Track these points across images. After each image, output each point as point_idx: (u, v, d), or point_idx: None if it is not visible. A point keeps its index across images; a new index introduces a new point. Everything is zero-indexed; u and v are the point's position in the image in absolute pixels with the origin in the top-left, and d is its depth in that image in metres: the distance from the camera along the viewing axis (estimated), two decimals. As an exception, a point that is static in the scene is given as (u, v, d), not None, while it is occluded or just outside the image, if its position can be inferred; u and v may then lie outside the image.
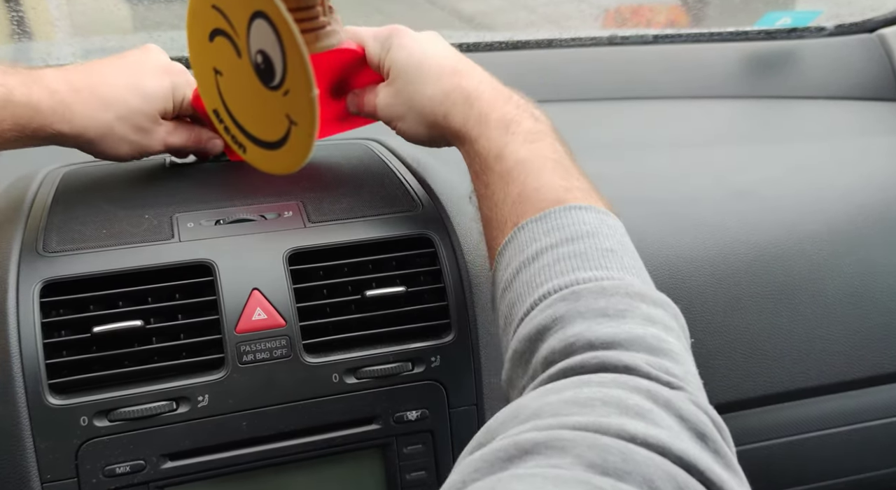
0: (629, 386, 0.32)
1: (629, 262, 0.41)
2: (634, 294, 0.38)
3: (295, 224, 0.53)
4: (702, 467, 0.29)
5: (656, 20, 1.16)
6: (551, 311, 0.38)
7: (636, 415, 0.30)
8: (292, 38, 0.43)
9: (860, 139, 0.80)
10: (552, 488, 0.26)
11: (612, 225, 0.43)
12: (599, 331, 0.35)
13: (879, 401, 0.69)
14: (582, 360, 0.34)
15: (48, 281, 0.48)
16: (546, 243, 0.41)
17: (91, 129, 0.51)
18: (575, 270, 0.39)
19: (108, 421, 0.46)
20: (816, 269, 0.65)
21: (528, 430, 0.30)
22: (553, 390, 0.33)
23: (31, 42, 0.79)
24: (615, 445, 0.28)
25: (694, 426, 0.31)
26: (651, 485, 0.27)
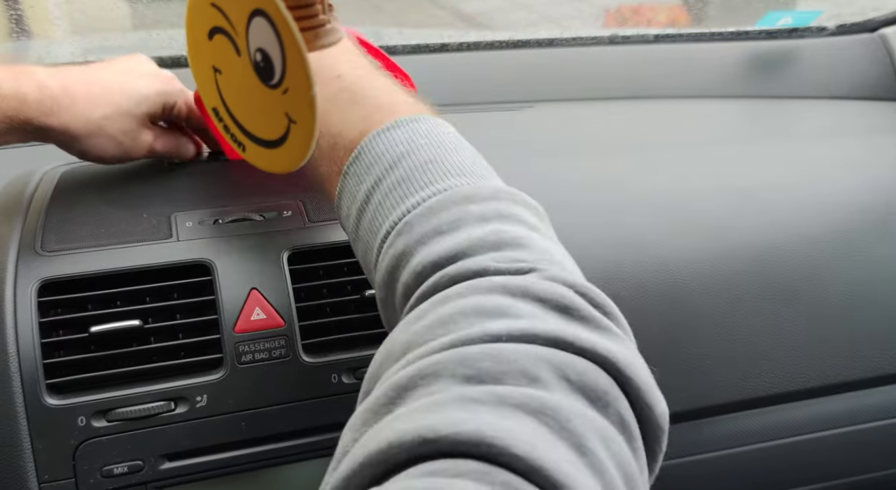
0: (484, 288, 0.32)
1: (452, 164, 0.39)
2: (461, 199, 0.37)
3: (294, 223, 0.53)
4: (570, 339, 0.29)
5: (657, 20, 1.16)
6: (392, 251, 0.38)
7: (497, 314, 0.30)
8: (292, 36, 0.43)
9: (861, 139, 0.79)
10: (433, 415, 0.26)
11: (426, 131, 0.41)
12: (439, 249, 0.35)
13: (880, 402, 0.69)
14: (433, 282, 0.34)
15: (46, 280, 0.47)
16: (370, 183, 0.40)
17: (78, 126, 0.50)
18: (402, 200, 0.39)
19: (106, 421, 0.46)
20: (817, 269, 0.65)
21: (402, 366, 0.30)
22: (417, 316, 0.33)
23: (29, 40, 0.79)
24: (483, 351, 0.28)
25: (555, 303, 0.31)
26: (528, 375, 0.27)
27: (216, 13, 0.48)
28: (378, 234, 0.39)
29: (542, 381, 0.27)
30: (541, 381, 0.27)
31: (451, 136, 0.42)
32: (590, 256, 0.59)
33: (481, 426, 0.25)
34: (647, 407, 0.30)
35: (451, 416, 0.25)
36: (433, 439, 0.25)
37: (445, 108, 0.83)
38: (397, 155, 0.40)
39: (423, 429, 0.25)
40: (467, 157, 0.41)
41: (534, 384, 0.27)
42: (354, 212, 0.42)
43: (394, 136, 0.41)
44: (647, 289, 0.60)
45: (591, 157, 0.71)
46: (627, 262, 0.60)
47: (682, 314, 0.60)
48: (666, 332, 0.60)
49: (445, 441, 0.25)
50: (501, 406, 0.26)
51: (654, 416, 0.30)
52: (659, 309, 0.60)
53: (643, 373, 0.30)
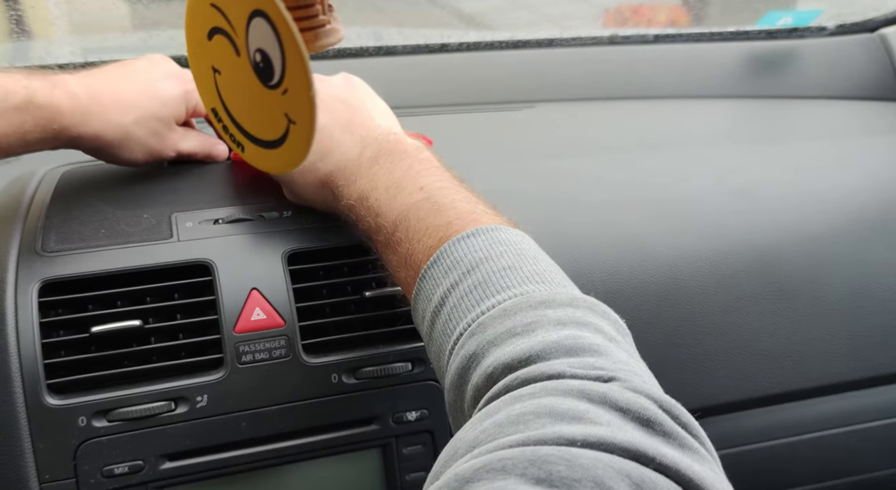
0: (559, 390, 0.30)
1: (530, 271, 0.39)
2: (537, 303, 0.37)
3: (294, 224, 0.53)
4: (652, 454, 0.27)
5: (657, 20, 1.16)
6: (464, 351, 0.37)
7: (572, 418, 0.29)
8: (291, 36, 0.43)
9: (861, 139, 0.79)
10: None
11: (506, 240, 0.41)
12: (512, 351, 0.34)
13: (880, 401, 0.69)
14: (505, 384, 0.33)
15: (47, 280, 0.47)
16: (447, 286, 0.40)
17: (109, 133, 0.51)
18: (478, 303, 0.38)
19: (106, 421, 0.46)
20: (817, 269, 0.65)
21: (467, 460, 0.28)
22: (486, 415, 0.31)
23: (29, 41, 0.79)
24: (556, 454, 0.26)
25: (636, 414, 0.29)
26: (602, 486, 0.25)
27: (216, 13, 0.48)
28: (451, 337, 0.39)
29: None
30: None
31: (530, 246, 0.42)
32: (590, 256, 0.59)
33: None
34: None
35: None
36: None
37: (446, 108, 0.83)
38: (476, 260, 0.40)
39: None
40: (546, 266, 0.40)
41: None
42: (429, 314, 0.41)
43: (473, 242, 0.40)
44: (648, 288, 0.60)
45: (591, 157, 0.71)
46: (627, 262, 0.60)
47: (682, 314, 0.60)
48: (666, 331, 0.60)
49: None
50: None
51: None
52: (659, 308, 0.60)
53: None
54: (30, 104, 0.47)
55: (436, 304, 0.41)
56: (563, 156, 0.70)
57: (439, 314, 0.40)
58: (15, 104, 0.47)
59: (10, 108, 0.47)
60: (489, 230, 0.41)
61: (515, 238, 0.42)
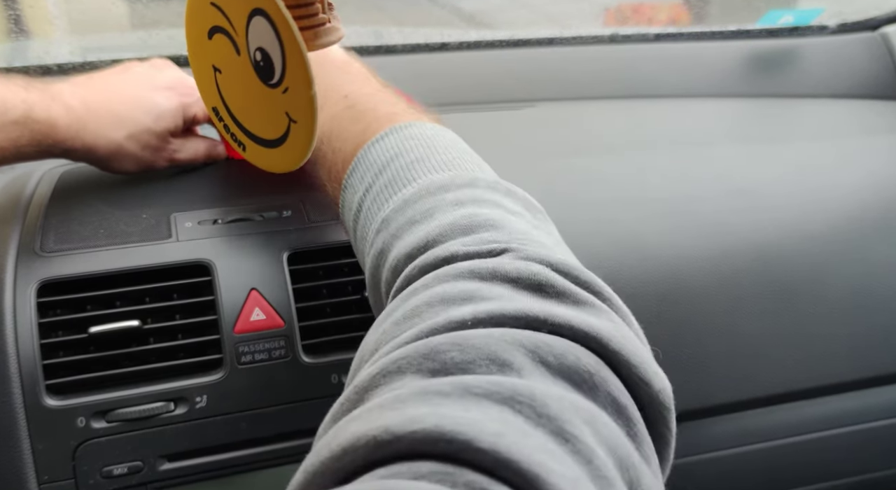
0: (451, 275, 0.30)
1: (438, 161, 0.38)
2: (437, 188, 0.36)
3: (294, 223, 0.53)
4: (543, 316, 0.26)
5: (658, 18, 1.16)
6: (373, 250, 0.37)
7: (463, 300, 0.28)
8: (291, 35, 0.43)
9: (862, 138, 0.79)
10: (391, 413, 0.23)
11: (419, 134, 0.40)
12: (412, 240, 0.34)
13: (881, 401, 0.69)
14: (405, 275, 0.33)
15: (45, 281, 0.47)
16: (362, 191, 0.40)
17: (101, 147, 0.52)
18: (386, 201, 0.38)
19: (105, 422, 0.46)
20: (818, 268, 0.64)
21: (368, 367, 0.27)
22: (387, 314, 0.31)
23: (28, 40, 0.79)
24: (447, 340, 0.26)
25: (527, 281, 0.29)
26: (497, 361, 0.25)
27: (216, 12, 0.48)
28: (367, 240, 0.39)
29: (514, 367, 0.25)
30: (513, 367, 0.25)
31: (443, 137, 0.41)
32: (590, 256, 0.59)
33: (441, 421, 0.22)
34: (644, 383, 0.26)
35: (408, 413, 0.23)
36: (388, 441, 0.22)
37: (446, 108, 0.83)
38: (387, 159, 0.39)
39: (377, 430, 0.22)
40: (458, 154, 0.39)
41: (505, 370, 0.25)
42: (351, 223, 0.41)
43: (386, 142, 0.40)
44: (648, 288, 0.59)
45: (591, 156, 0.70)
46: (628, 262, 0.60)
47: (682, 313, 0.60)
48: (667, 331, 0.60)
49: (402, 441, 0.22)
50: (466, 397, 0.23)
51: (653, 393, 0.27)
52: (660, 308, 0.60)
53: (633, 346, 0.27)
54: (27, 119, 0.48)
55: (354, 212, 0.40)
56: (563, 155, 0.70)
57: (357, 221, 0.40)
58: (14, 119, 0.47)
59: (8, 123, 0.47)
60: (403, 127, 0.40)
61: (430, 132, 0.40)
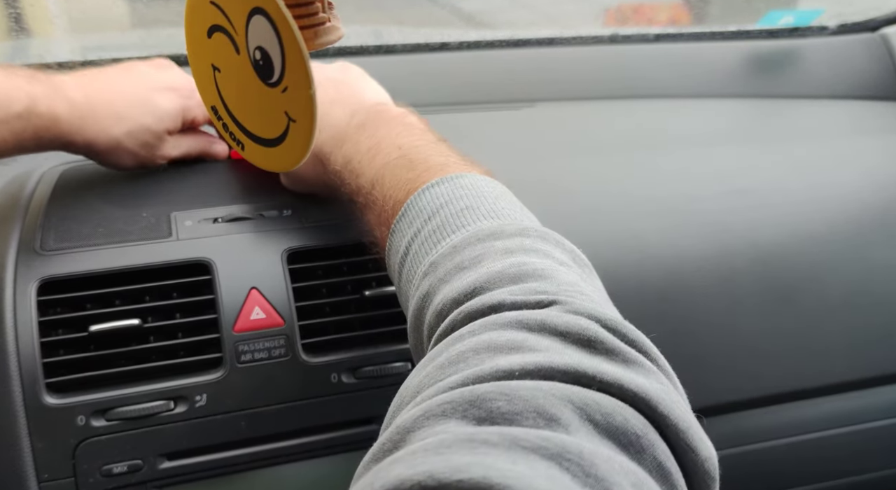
0: (499, 324, 0.29)
1: (487, 210, 0.38)
2: (486, 236, 0.36)
3: (294, 223, 0.53)
4: (592, 373, 0.26)
5: (658, 19, 1.16)
6: (419, 293, 0.37)
7: (511, 349, 0.27)
8: (291, 34, 0.43)
9: (862, 138, 0.79)
10: (436, 458, 0.22)
11: (469, 184, 0.40)
12: (459, 286, 0.33)
13: (881, 401, 0.69)
14: (450, 320, 0.32)
15: (45, 279, 0.47)
16: (410, 235, 0.40)
17: (100, 142, 0.52)
18: (434, 246, 0.38)
19: (105, 420, 0.46)
20: (818, 268, 0.65)
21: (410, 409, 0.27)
22: (429, 359, 0.30)
23: (28, 39, 0.79)
24: (495, 390, 0.25)
25: (576, 336, 0.28)
26: (545, 415, 0.24)
27: (215, 11, 0.48)
28: (412, 283, 0.38)
29: (562, 423, 0.24)
30: (561, 423, 0.24)
31: (494, 187, 0.41)
32: (590, 255, 0.59)
33: (488, 472, 0.21)
34: (691, 450, 0.26)
35: (455, 461, 0.22)
36: (434, 488, 0.21)
37: (446, 108, 0.83)
38: (437, 206, 0.39)
39: (422, 475, 0.22)
40: (506, 204, 0.39)
41: (553, 425, 0.24)
42: (396, 266, 0.41)
43: (437, 190, 0.40)
44: (648, 288, 0.60)
45: (591, 157, 0.71)
46: (628, 261, 0.60)
47: (682, 313, 0.60)
48: (666, 331, 0.60)
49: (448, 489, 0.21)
50: (514, 449, 0.23)
51: (699, 461, 0.26)
52: (659, 308, 0.60)
53: (682, 410, 0.27)
54: (30, 112, 0.48)
55: (401, 255, 0.40)
56: (563, 155, 0.70)
57: (404, 264, 0.40)
58: (17, 112, 0.47)
59: (12, 116, 0.47)
60: (454, 177, 0.41)
61: (480, 183, 0.41)
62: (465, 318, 0.32)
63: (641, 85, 0.87)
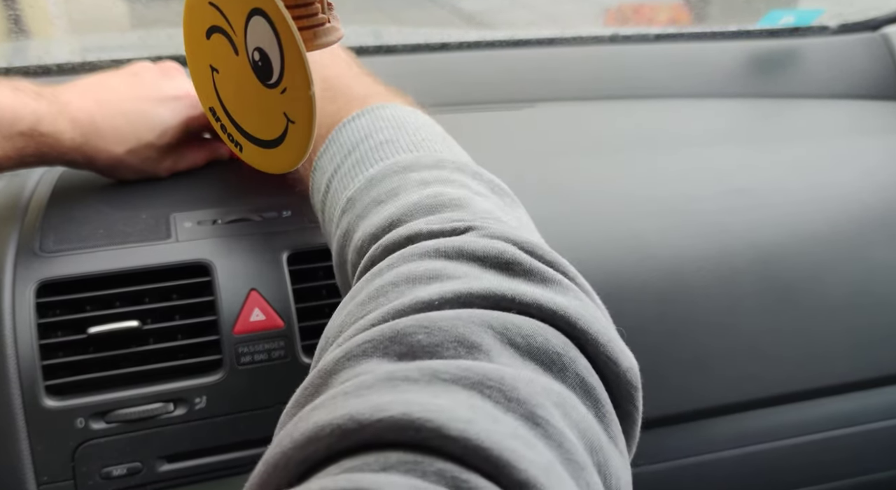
0: (416, 254, 0.29)
1: (407, 142, 0.38)
2: (402, 168, 0.35)
3: (294, 224, 0.53)
4: (511, 295, 0.26)
5: (658, 19, 1.16)
6: (339, 231, 0.37)
7: (429, 279, 0.27)
8: (290, 35, 0.43)
9: (863, 138, 0.79)
10: (356, 400, 0.22)
11: (390, 115, 0.40)
12: (376, 220, 0.34)
13: (882, 402, 0.68)
14: (370, 256, 0.32)
15: (44, 281, 0.47)
16: (330, 171, 0.39)
17: (101, 161, 0.53)
18: (352, 180, 0.38)
19: (104, 423, 0.46)
20: (818, 268, 0.64)
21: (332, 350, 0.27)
22: (350, 298, 0.30)
23: (28, 40, 0.79)
24: (415, 323, 0.25)
25: (494, 259, 0.28)
26: (466, 343, 0.24)
27: (214, 12, 0.48)
28: (333, 221, 0.38)
29: (483, 349, 0.24)
30: (482, 349, 0.24)
31: (416, 118, 0.40)
32: (590, 255, 0.59)
33: (408, 408, 0.21)
34: (612, 362, 0.26)
35: (374, 401, 0.22)
36: (354, 429, 0.21)
37: (446, 108, 0.83)
38: (356, 140, 0.39)
39: (342, 418, 0.21)
40: (427, 135, 0.39)
41: (474, 353, 0.24)
42: (319, 204, 0.41)
43: (358, 123, 0.40)
44: (648, 288, 0.59)
45: (591, 157, 0.70)
46: (628, 262, 0.60)
47: (682, 314, 0.60)
48: (667, 331, 0.60)
49: (368, 430, 0.21)
50: (434, 382, 0.22)
51: (620, 372, 0.27)
52: (659, 309, 0.60)
53: (601, 325, 0.27)
54: (34, 131, 0.48)
55: (322, 193, 0.40)
56: (563, 155, 0.70)
57: (325, 203, 0.40)
58: (21, 130, 0.48)
59: (15, 133, 0.48)
60: (375, 108, 0.40)
61: (402, 113, 0.40)
62: (383, 251, 0.32)
63: (641, 85, 0.87)
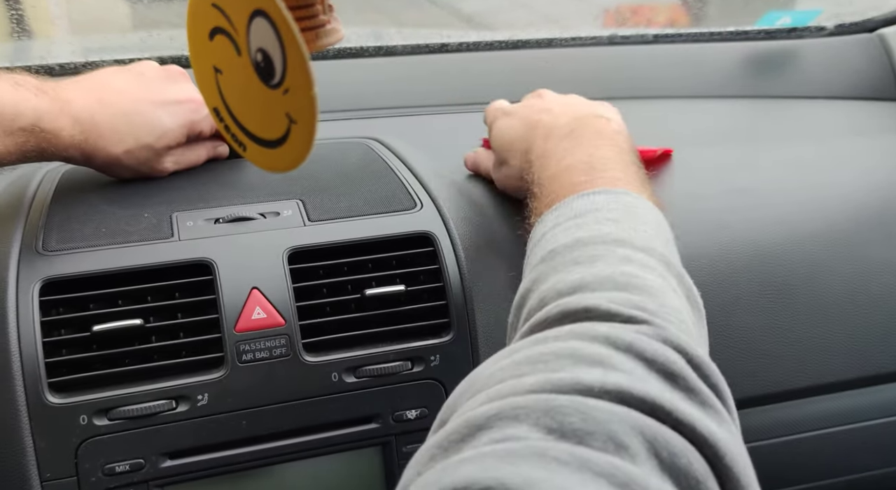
0: (587, 335, 0.29)
1: (630, 224, 0.38)
2: (612, 241, 0.36)
3: (294, 223, 0.53)
4: (669, 408, 0.26)
5: (656, 20, 1.16)
6: (532, 275, 0.37)
7: (592, 362, 0.28)
8: (292, 36, 0.43)
9: (860, 139, 0.79)
10: (507, 467, 0.23)
11: (629, 202, 0.40)
12: (567, 278, 0.34)
13: (879, 400, 0.69)
14: (547, 310, 0.33)
15: (48, 279, 0.48)
16: (551, 224, 0.41)
17: (100, 159, 0.53)
18: (563, 236, 0.39)
19: (107, 420, 0.46)
20: (816, 268, 0.65)
21: (481, 402, 0.27)
22: (508, 353, 0.31)
23: (30, 40, 0.79)
24: (571, 405, 0.25)
25: (661, 366, 0.28)
26: (616, 441, 0.24)
27: (217, 13, 0.48)
28: (530, 264, 0.40)
29: (630, 452, 0.24)
30: (629, 452, 0.24)
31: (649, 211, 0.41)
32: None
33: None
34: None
35: (525, 473, 0.22)
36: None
37: (446, 109, 0.83)
38: (587, 210, 0.40)
39: (493, 481, 0.22)
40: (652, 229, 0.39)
41: (621, 453, 0.24)
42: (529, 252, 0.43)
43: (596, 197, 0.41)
44: (647, 288, 0.60)
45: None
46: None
47: (681, 313, 0.60)
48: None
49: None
50: (583, 471, 0.23)
51: None
52: (658, 308, 0.60)
53: (744, 464, 0.27)
54: (35, 127, 0.49)
55: (535, 242, 0.42)
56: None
57: (533, 249, 0.41)
58: (22, 126, 0.48)
59: (16, 129, 0.48)
60: (620, 192, 0.41)
61: (640, 203, 0.41)
62: (560, 314, 0.32)
63: (640, 85, 0.87)
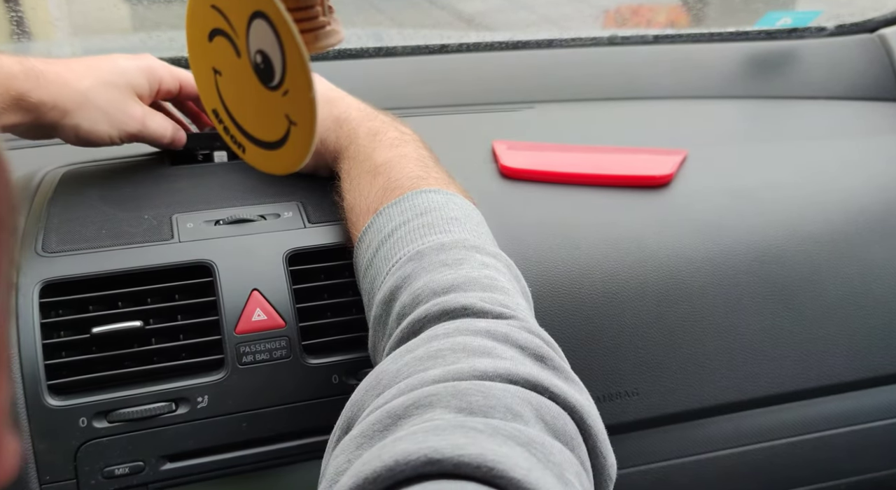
0: (470, 330, 0.36)
1: (472, 228, 0.45)
2: (470, 247, 0.43)
3: (295, 224, 0.53)
4: (546, 384, 0.33)
5: (656, 20, 1.16)
6: (400, 272, 0.42)
7: (482, 353, 0.34)
8: (291, 38, 0.43)
9: (861, 139, 0.79)
10: (436, 438, 0.28)
11: (460, 203, 0.47)
12: (440, 279, 0.40)
13: (880, 402, 0.69)
14: (426, 308, 0.38)
15: (47, 281, 0.47)
16: (399, 221, 0.45)
17: (67, 98, 0.51)
18: (422, 237, 0.44)
19: (107, 422, 0.46)
20: (817, 269, 0.65)
21: (393, 395, 0.33)
22: (407, 351, 0.36)
23: (30, 42, 0.79)
24: (473, 387, 0.31)
25: (532, 351, 0.35)
26: (513, 411, 0.31)
27: (216, 15, 0.48)
28: (391, 261, 0.44)
29: (524, 419, 0.30)
30: (523, 418, 0.30)
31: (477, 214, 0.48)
32: (590, 256, 0.59)
33: (483, 451, 0.27)
34: (602, 456, 0.34)
35: (453, 440, 0.28)
36: (438, 459, 0.27)
37: (446, 109, 0.83)
38: (431, 207, 0.46)
39: (428, 450, 0.27)
40: (483, 228, 0.47)
41: (518, 420, 0.30)
42: (375, 243, 0.46)
43: (435, 196, 0.47)
44: (648, 289, 0.60)
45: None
46: (628, 262, 0.60)
47: (682, 314, 0.60)
48: (666, 331, 0.60)
49: (449, 462, 0.27)
50: (497, 435, 0.29)
51: (606, 466, 0.34)
52: (659, 309, 0.60)
53: (601, 425, 0.34)
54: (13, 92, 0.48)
55: (385, 235, 0.45)
56: (562, 156, 0.70)
57: (385, 243, 0.45)
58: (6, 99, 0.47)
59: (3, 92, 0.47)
60: (453, 194, 0.47)
61: (469, 206, 0.48)
62: (440, 311, 0.38)
63: (640, 86, 0.87)
